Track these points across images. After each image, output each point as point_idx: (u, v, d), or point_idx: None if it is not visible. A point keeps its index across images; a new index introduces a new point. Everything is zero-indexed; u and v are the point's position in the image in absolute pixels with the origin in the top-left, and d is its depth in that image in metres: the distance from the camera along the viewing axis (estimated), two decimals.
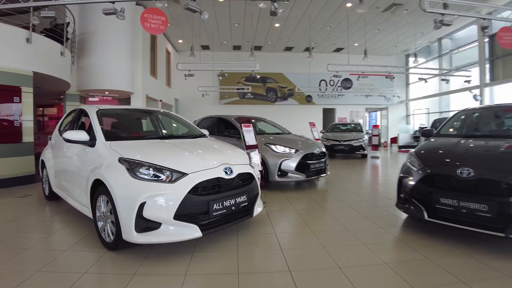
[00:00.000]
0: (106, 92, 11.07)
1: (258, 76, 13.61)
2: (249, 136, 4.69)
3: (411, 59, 20.35)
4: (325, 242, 3.29)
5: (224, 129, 7.04)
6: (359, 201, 5.17)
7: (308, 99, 20.16)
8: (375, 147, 13.18)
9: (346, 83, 17.94)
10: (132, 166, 2.90)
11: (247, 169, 3.46)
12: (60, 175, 4.52)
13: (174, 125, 5.21)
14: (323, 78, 19.90)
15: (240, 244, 3.26)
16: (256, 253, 3.13)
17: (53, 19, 9.15)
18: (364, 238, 3.43)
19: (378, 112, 22.81)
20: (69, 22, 9.03)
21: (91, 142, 3.55)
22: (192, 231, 2.82)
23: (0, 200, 5.40)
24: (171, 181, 2.85)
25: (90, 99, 11.23)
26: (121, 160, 2.98)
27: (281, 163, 5.65)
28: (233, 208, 3.13)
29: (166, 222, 2.76)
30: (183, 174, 2.90)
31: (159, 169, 2.89)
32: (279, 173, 5.66)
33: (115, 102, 12.03)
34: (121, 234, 2.83)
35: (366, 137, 12.54)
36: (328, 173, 6.56)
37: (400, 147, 16.89)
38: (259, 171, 4.38)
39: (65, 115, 5.22)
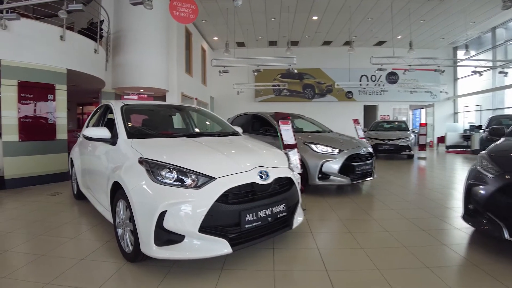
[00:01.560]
0: (141, 90, 11.00)
1: (296, 71, 12.90)
2: (287, 134, 4.16)
3: (460, 52, 18.80)
4: (379, 263, 2.71)
5: (259, 126, 6.58)
6: (412, 210, 4.49)
7: (349, 96, 19.16)
8: (422, 147, 12.14)
9: (392, 77, 16.66)
10: (153, 168, 2.49)
11: (285, 172, 2.95)
12: (85, 175, 4.29)
13: (205, 122, 4.82)
14: (364, 73, 18.85)
15: (276, 261, 2.76)
16: (296, 275, 2.60)
17: (90, 19, 9.24)
18: (426, 258, 2.80)
19: (423, 110, 21.34)
20: (103, 20, 8.97)
21: (112, 140, 3.22)
22: (221, 247, 2.37)
23: (32, 198, 5.34)
24: (196, 187, 2.41)
25: (125, 96, 11.21)
26: (142, 161, 2.59)
27: (322, 165, 5.05)
28: (269, 219, 2.64)
29: (190, 234, 2.33)
30: (211, 179, 2.45)
31: (184, 172, 2.47)
32: (320, 175, 5.06)
33: (150, 100, 11.96)
34: (139, 246, 2.45)
35: (413, 136, 11.56)
36: (375, 176, 5.87)
37: (447, 147, 15.60)
38: (299, 173, 3.86)
39: (93, 112, 4.99)
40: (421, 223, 3.82)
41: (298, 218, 3.11)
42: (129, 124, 3.49)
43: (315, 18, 14.35)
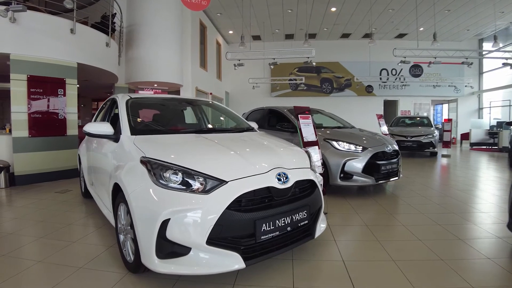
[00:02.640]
0: (155, 85, 10.80)
1: (314, 63, 12.39)
2: (308, 130, 3.78)
3: (486, 44, 17.86)
4: (416, 281, 2.31)
5: (275, 122, 6.22)
6: (443, 214, 4.04)
7: (369, 90, 18.46)
8: (447, 144, 11.48)
9: (416, 70, 15.74)
10: (156, 169, 2.18)
11: (307, 174, 2.58)
12: (90, 173, 4.05)
13: (218, 117, 4.49)
14: (384, 67, 18.16)
15: (296, 276, 2.41)
16: None
17: (104, 13, 9.04)
18: (469, 275, 2.39)
19: (445, 105, 20.46)
20: (115, 13, 8.75)
21: (115, 137, 2.93)
22: (232, 261, 2.04)
23: (40, 196, 5.18)
24: (204, 192, 2.08)
25: (139, 92, 11.03)
26: (143, 161, 2.28)
27: (344, 164, 4.64)
28: (288, 228, 2.29)
29: (197, 247, 2.01)
30: (221, 182, 2.12)
31: (191, 174, 2.14)
32: (341, 175, 4.67)
33: (165, 94, 11.76)
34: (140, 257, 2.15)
35: (437, 132, 10.95)
36: (401, 176, 5.43)
37: (472, 144, 14.84)
38: (320, 174, 3.50)
39: (100, 106, 4.75)
40: (456, 231, 3.40)
41: (321, 225, 2.75)
42: (136, 119, 3.20)
43: (333, 9, 13.80)
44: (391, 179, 5.09)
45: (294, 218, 2.30)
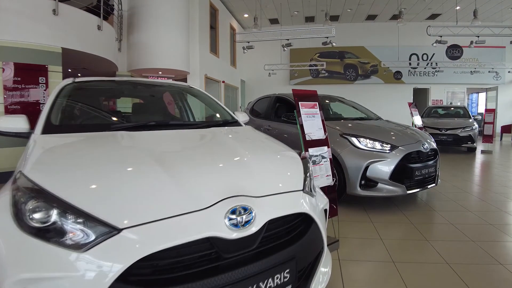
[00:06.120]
0: (160, 72, 9.98)
1: (334, 43, 11.04)
2: (313, 125, 2.70)
3: None
4: None
5: (284, 112, 5.22)
6: (503, 244, 2.86)
7: (397, 76, 16.90)
8: (488, 138, 9.94)
9: (454, 51, 13.63)
10: (18, 197, 1.24)
11: (295, 204, 1.53)
12: None
13: (196, 106, 3.52)
14: (414, 51, 16.54)
15: None
16: None
17: None
18: None
19: (482, 94, 18.55)
20: None
21: (28, 136, 2.06)
22: None
23: None
24: (79, 246, 1.11)
25: None
26: (14, 182, 1.36)
27: (367, 167, 3.53)
28: None
29: None
30: (112, 231, 1.13)
31: (62, 212, 1.16)
32: (362, 182, 3.57)
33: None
34: None
35: (476, 125, 9.49)
36: (439, 181, 4.24)
37: None
38: (332, 185, 2.47)
39: None
40: None
41: (322, 269, 1.70)
42: (66, 111, 2.33)
43: None
44: (427, 186, 3.95)
45: (265, 286, 1.30)
